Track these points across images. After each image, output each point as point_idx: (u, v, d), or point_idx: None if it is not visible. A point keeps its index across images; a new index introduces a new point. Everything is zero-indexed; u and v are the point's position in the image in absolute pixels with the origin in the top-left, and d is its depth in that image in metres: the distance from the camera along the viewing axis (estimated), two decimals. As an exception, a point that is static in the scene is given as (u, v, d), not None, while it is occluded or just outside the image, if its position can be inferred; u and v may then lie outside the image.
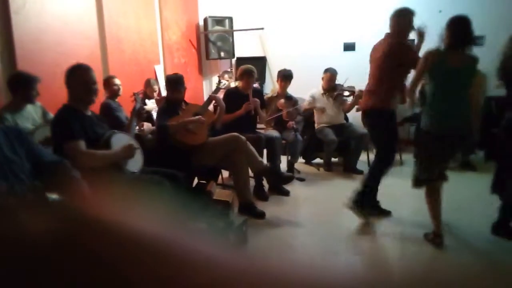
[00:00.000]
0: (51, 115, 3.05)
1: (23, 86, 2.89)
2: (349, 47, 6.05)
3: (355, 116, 5.12)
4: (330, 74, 4.77)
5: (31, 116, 3.01)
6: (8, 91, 2.95)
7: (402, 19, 3.00)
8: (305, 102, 4.82)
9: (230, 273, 0.27)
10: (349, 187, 4.20)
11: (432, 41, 2.80)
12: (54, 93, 2.66)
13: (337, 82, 4.86)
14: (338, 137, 4.63)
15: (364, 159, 4.83)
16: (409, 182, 2.84)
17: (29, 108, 3.01)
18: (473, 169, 4.70)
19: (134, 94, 3.23)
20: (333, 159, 4.96)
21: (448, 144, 2.65)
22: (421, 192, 2.84)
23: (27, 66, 3.18)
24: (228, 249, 0.30)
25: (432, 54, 2.62)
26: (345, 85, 4.79)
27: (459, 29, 2.58)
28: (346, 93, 4.80)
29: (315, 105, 4.76)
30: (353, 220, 3.27)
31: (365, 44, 5.94)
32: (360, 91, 4.56)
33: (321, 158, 4.97)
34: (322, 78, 4.84)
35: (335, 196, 3.94)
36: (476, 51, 2.66)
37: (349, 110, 4.87)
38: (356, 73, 4.77)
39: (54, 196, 1.91)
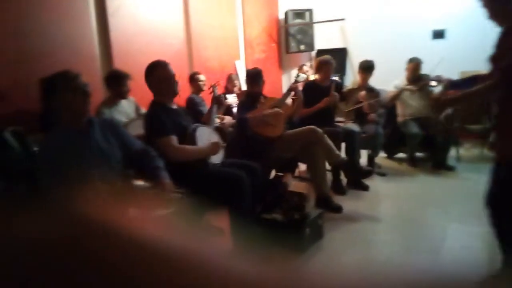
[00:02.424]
0: (143, 110, 3.31)
1: (115, 83, 3.19)
2: (439, 34, 5.65)
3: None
4: (415, 64, 4.51)
5: (125, 110, 3.31)
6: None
7: None
8: (390, 92, 4.61)
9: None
10: (434, 184, 3.99)
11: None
12: (146, 89, 2.89)
13: (425, 72, 4.58)
14: (424, 131, 4.37)
15: (454, 155, 4.53)
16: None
17: (124, 103, 3.31)
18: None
19: (211, 86, 3.38)
20: (418, 154, 4.71)
21: None
22: None
23: (122, 65, 3.50)
24: (254, 263, 0.29)
25: None
26: (433, 74, 4.49)
27: None
28: (433, 83, 4.50)
29: (403, 88, 4.48)
30: (437, 219, 3.09)
31: (456, 31, 5.54)
32: (449, 80, 4.25)
33: (404, 153, 4.74)
34: (406, 69, 4.60)
35: (419, 193, 3.75)
36: None
37: (436, 101, 4.57)
38: (446, 63, 4.46)
39: (141, 183, 2.10)
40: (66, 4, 3.24)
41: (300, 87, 3.98)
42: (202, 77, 4.25)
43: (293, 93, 3.68)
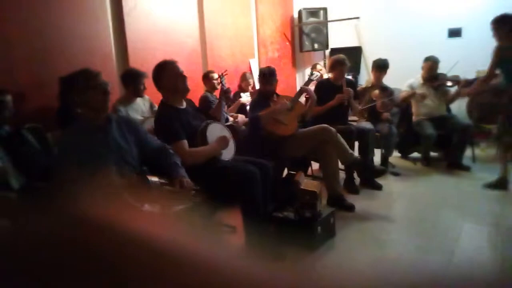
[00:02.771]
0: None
1: (132, 81, 3.24)
2: (455, 33, 5.57)
3: (461, 106, 4.73)
4: (431, 63, 4.45)
5: (140, 108, 3.36)
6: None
7: None
8: (403, 92, 4.59)
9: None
10: (449, 184, 3.95)
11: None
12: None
13: (440, 71, 4.53)
14: (439, 130, 4.32)
15: (469, 155, 4.47)
16: None
17: (139, 101, 3.37)
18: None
19: (219, 76, 3.38)
20: (433, 154, 4.66)
21: None
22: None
23: (137, 63, 3.56)
24: (256, 261, 0.28)
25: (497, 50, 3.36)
26: (449, 74, 4.44)
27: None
28: (449, 83, 4.45)
29: (415, 91, 4.46)
30: (451, 219, 3.06)
31: (472, 29, 5.44)
32: (466, 80, 4.22)
33: (419, 152, 4.69)
34: (422, 67, 4.55)
35: (433, 193, 3.72)
36: None
37: (452, 101, 4.52)
38: (462, 62, 4.40)
39: (155, 179, 2.13)
40: (83, 3, 3.30)
41: (313, 85, 3.98)
42: (215, 75, 4.28)
43: (305, 93, 3.69)
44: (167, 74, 2.55)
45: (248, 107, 4.32)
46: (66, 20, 3.17)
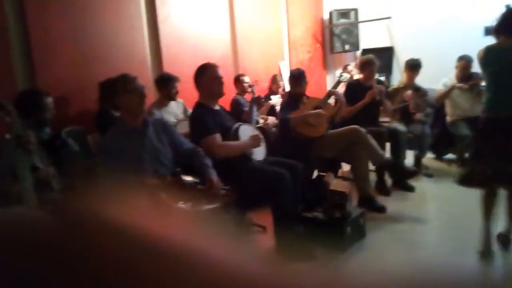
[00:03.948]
0: (190, 111, 3.48)
1: (165, 85, 3.38)
2: (491, 31, 5.39)
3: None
4: (465, 62, 4.35)
5: (173, 111, 3.49)
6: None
7: None
8: (439, 91, 4.49)
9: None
10: (484, 185, 3.83)
11: None
12: (194, 91, 3.03)
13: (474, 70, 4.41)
14: (474, 131, 4.21)
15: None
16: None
17: (173, 104, 3.49)
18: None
19: (250, 86, 3.51)
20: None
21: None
22: None
23: (171, 68, 3.69)
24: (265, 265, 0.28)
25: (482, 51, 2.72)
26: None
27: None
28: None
29: (454, 84, 4.34)
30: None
31: (511, 26, 5.25)
32: None
33: (453, 153, 4.58)
34: (456, 67, 4.45)
35: (468, 195, 3.60)
36: None
37: (488, 100, 4.38)
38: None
39: (189, 178, 2.23)
40: (121, 12, 3.47)
41: (343, 87, 3.98)
42: (246, 78, 4.35)
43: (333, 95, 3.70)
44: (206, 76, 2.70)
45: (278, 109, 4.38)
46: (104, 29, 3.34)
